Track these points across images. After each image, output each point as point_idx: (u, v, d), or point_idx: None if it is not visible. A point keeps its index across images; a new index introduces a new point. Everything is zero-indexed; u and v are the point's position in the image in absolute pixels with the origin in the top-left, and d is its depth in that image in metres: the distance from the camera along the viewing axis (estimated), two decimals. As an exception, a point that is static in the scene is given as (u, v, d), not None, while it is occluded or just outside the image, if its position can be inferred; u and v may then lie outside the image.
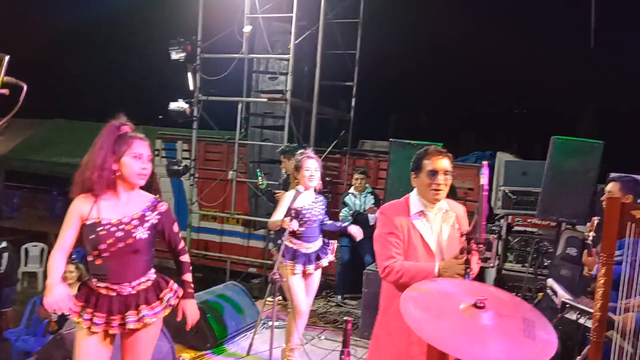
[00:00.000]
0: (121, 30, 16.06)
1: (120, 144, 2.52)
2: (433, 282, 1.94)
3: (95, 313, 2.50)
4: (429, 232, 2.58)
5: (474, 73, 13.59)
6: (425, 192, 2.57)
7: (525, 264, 5.67)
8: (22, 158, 13.61)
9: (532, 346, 1.62)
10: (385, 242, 2.56)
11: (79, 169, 2.54)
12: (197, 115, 7.53)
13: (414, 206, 2.61)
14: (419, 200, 2.61)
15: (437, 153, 2.60)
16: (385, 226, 2.58)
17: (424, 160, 2.58)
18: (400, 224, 2.56)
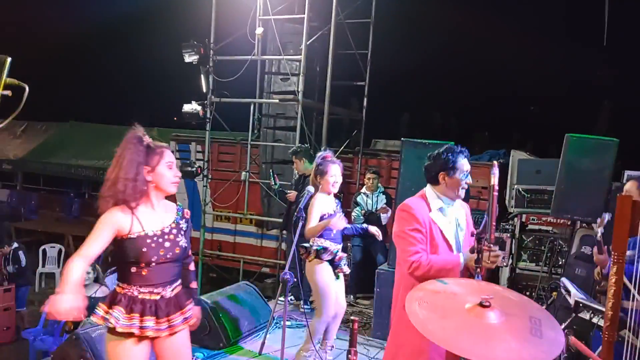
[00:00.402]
0: (135, 33, 16.23)
1: (152, 155, 2.53)
2: (439, 282, 1.94)
3: (144, 318, 2.46)
4: (448, 227, 2.68)
5: (488, 71, 13.48)
6: (454, 191, 2.70)
7: (539, 263, 5.62)
8: (39, 161, 13.83)
9: (538, 345, 1.62)
10: (409, 237, 2.61)
11: (106, 184, 2.49)
12: (210, 117, 7.59)
13: (433, 203, 2.71)
14: (440, 197, 2.72)
15: (463, 154, 2.76)
16: (408, 222, 2.64)
17: (459, 161, 2.71)
18: (423, 219, 2.64)
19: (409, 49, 12.28)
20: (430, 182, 2.79)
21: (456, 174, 2.69)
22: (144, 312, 2.46)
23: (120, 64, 17.05)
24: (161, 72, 14.47)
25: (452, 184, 2.70)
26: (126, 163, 2.48)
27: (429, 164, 2.81)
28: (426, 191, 2.78)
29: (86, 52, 17.87)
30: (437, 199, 2.71)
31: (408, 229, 2.61)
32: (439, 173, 2.73)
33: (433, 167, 2.76)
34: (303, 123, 7.00)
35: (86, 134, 14.45)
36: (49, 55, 17.47)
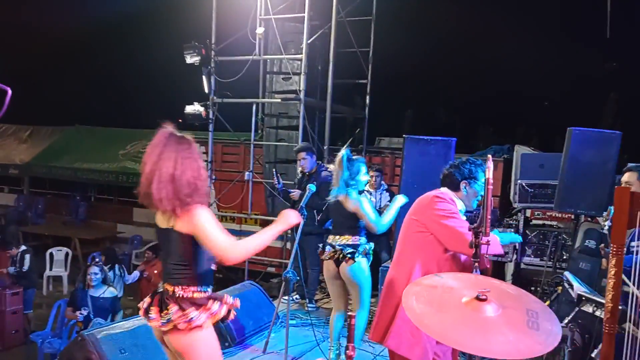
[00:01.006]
0: (137, 35, 16.31)
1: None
2: (436, 276, 1.94)
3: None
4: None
5: (491, 66, 13.44)
6: (471, 200, 2.90)
7: (543, 257, 5.60)
8: (46, 165, 13.93)
9: (535, 337, 1.62)
10: (459, 219, 2.74)
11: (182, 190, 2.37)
12: (212, 118, 7.61)
13: (458, 204, 2.87)
14: (461, 204, 2.88)
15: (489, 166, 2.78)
16: (454, 206, 2.80)
17: (480, 174, 2.88)
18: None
19: (410, 46, 12.26)
20: (449, 187, 2.91)
21: (476, 185, 2.87)
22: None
23: (122, 66, 17.14)
24: (163, 74, 14.53)
25: (471, 193, 2.88)
26: (193, 162, 2.44)
27: (452, 170, 2.92)
28: (448, 193, 2.90)
29: (89, 56, 17.99)
30: (459, 203, 2.88)
31: (455, 211, 2.76)
32: (461, 181, 2.88)
33: (457, 174, 2.90)
34: (306, 122, 7.01)
35: (91, 137, 14.54)
36: (54, 60, 17.60)
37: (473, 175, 2.88)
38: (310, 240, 5.63)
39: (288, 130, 7.70)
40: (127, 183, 13.02)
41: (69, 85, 18.02)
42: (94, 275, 5.59)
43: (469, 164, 2.91)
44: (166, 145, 2.42)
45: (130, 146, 13.66)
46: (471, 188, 2.88)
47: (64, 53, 17.29)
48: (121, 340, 3.86)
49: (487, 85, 13.81)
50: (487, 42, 12.73)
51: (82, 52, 17.69)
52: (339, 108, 7.81)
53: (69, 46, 16.98)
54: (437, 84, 13.69)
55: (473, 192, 2.88)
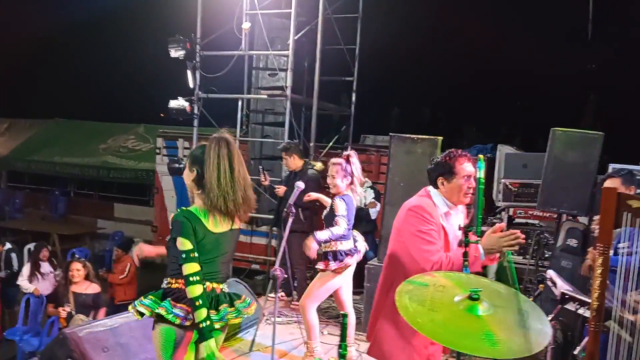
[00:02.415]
0: (120, 28, 16.07)
1: None
2: (428, 276, 1.95)
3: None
4: (451, 232, 2.66)
5: (475, 66, 13.56)
6: (456, 196, 2.64)
7: (526, 256, 5.67)
8: (24, 158, 13.68)
9: (526, 336, 1.64)
10: (426, 236, 2.54)
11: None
12: (197, 113, 7.52)
13: (440, 206, 2.66)
14: (444, 201, 2.66)
15: (466, 157, 2.69)
16: (423, 222, 2.57)
17: (457, 165, 2.64)
18: (438, 221, 2.61)
19: (397, 44, 12.30)
20: (431, 184, 2.75)
21: (454, 179, 2.64)
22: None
23: (105, 59, 16.88)
24: (147, 68, 14.36)
25: (451, 189, 2.65)
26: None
27: (430, 167, 2.77)
28: (431, 193, 2.72)
29: (71, 48, 17.67)
30: (442, 203, 2.67)
31: (424, 229, 2.55)
32: (437, 177, 2.69)
33: (433, 171, 2.72)
34: (292, 119, 6.99)
35: (72, 131, 14.32)
36: (34, 51, 17.25)
37: (448, 169, 2.65)
38: (295, 238, 5.61)
39: (274, 126, 7.66)
40: (108, 178, 12.86)
41: (49, 78, 17.70)
42: (77, 271, 5.50)
43: (445, 157, 2.69)
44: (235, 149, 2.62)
45: (111, 140, 13.48)
46: (450, 183, 2.64)
47: (46, 45, 16.96)
48: (104, 338, 3.80)
49: (472, 85, 13.93)
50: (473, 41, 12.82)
51: (64, 45, 17.37)
52: (324, 105, 7.80)
53: (51, 38, 16.67)
54: (422, 82, 13.76)
55: (453, 187, 2.64)
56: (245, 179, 2.57)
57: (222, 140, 2.58)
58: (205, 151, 2.57)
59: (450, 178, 2.64)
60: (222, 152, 2.54)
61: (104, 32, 16.90)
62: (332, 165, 4.07)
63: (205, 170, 2.53)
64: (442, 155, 2.74)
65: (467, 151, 2.87)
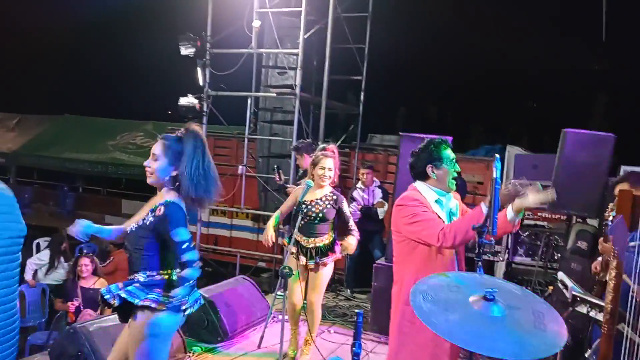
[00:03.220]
0: (130, 26, 16.13)
1: None
2: (442, 276, 1.95)
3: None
4: (447, 217, 2.71)
5: (485, 67, 13.51)
6: (445, 182, 2.70)
7: (535, 257, 5.64)
8: (33, 154, 13.75)
9: (542, 338, 1.63)
10: (423, 217, 2.61)
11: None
12: (206, 111, 7.55)
13: (429, 195, 2.71)
14: (433, 189, 2.72)
15: (448, 144, 2.75)
16: (415, 207, 2.65)
17: (445, 152, 2.71)
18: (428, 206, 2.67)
19: (406, 44, 12.28)
20: (418, 178, 2.78)
21: (443, 164, 2.69)
22: None
23: (116, 57, 16.96)
24: (157, 65, 14.41)
25: (441, 175, 2.70)
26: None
27: (413, 160, 2.80)
28: (417, 186, 2.76)
29: (82, 46, 17.76)
30: (431, 192, 2.71)
31: (416, 211, 2.62)
32: (426, 167, 2.72)
33: (419, 162, 2.76)
34: (300, 117, 6.99)
35: (81, 127, 14.38)
36: (45, 48, 17.35)
37: (435, 156, 2.70)
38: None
39: (282, 124, 7.67)
40: (116, 174, 12.92)
41: (60, 75, 17.80)
42: (85, 266, 5.54)
43: (428, 145, 2.75)
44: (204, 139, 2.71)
45: (120, 137, 13.53)
46: (439, 169, 2.69)
47: (56, 42, 17.05)
48: (113, 333, 3.81)
49: (480, 85, 13.89)
50: (481, 42, 12.78)
51: (74, 42, 17.46)
52: (332, 104, 7.80)
53: (61, 36, 16.75)
54: (430, 82, 13.73)
55: (444, 173, 2.69)
56: (214, 170, 2.67)
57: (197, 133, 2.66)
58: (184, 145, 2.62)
59: (440, 164, 2.70)
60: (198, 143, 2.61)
61: (114, 30, 16.97)
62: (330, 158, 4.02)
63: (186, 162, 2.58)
64: (424, 145, 2.78)
65: (475, 152, 2.92)
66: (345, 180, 8.12)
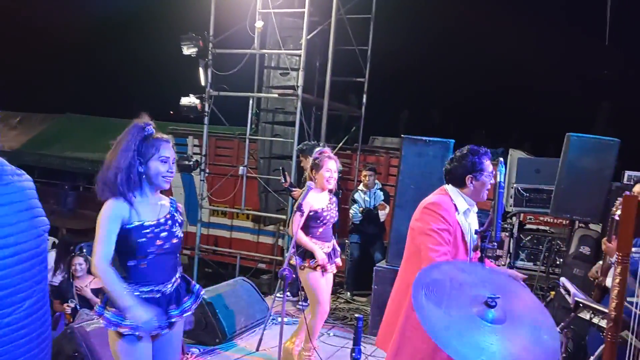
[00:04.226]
0: (133, 25, 16.13)
1: (147, 147, 2.48)
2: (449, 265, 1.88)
3: None
4: (467, 230, 2.67)
5: (487, 70, 13.47)
6: (480, 194, 2.71)
7: (537, 262, 5.60)
8: (35, 152, 13.73)
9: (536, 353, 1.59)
10: (437, 236, 2.57)
11: (101, 170, 2.47)
12: (208, 111, 7.53)
13: (460, 204, 2.69)
14: (465, 198, 2.71)
15: (488, 155, 2.76)
16: (437, 221, 2.61)
17: (485, 163, 2.71)
18: (452, 220, 2.63)
19: (409, 46, 12.25)
20: (453, 183, 2.76)
21: (483, 176, 2.69)
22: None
23: (118, 56, 16.96)
24: (159, 65, 14.39)
25: (479, 186, 2.70)
26: (120, 151, 2.45)
27: (454, 165, 2.76)
28: (449, 191, 2.74)
29: (84, 44, 17.75)
30: (462, 201, 2.70)
31: (437, 227, 2.58)
32: (466, 176, 2.70)
33: (459, 170, 2.73)
34: (302, 118, 6.96)
35: (83, 126, 14.36)
36: (47, 47, 17.35)
37: (477, 167, 2.69)
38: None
39: (284, 126, 7.64)
40: (118, 174, 12.87)
41: (62, 73, 17.80)
42: (79, 265, 5.50)
43: (471, 155, 2.72)
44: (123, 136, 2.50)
45: (121, 136, 13.51)
46: (478, 181, 2.70)
47: (59, 41, 17.04)
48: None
49: (482, 88, 13.85)
50: (485, 45, 12.74)
51: (77, 41, 17.45)
52: (335, 105, 7.78)
53: (64, 34, 16.75)
54: (433, 84, 13.70)
55: (481, 184, 2.70)
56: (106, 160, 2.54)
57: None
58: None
59: (480, 176, 2.69)
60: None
61: (116, 29, 16.96)
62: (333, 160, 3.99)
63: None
64: (466, 153, 2.74)
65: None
66: (347, 182, 8.09)
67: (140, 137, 2.48)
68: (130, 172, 2.42)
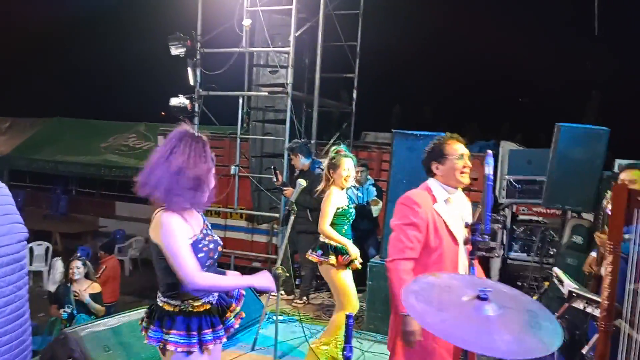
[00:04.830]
0: (120, 27, 16.03)
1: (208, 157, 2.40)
2: (432, 276, 1.91)
3: (204, 332, 2.30)
4: (454, 220, 2.65)
5: (477, 63, 13.50)
6: (453, 177, 2.66)
7: (530, 253, 5.62)
8: (25, 157, 13.64)
9: (539, 336, 1.59)
10: (403, 234, 2.59)
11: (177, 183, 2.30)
12: (198, 111, 7.48)
13: (439, 194, 2.68)
14: (442, 187, 2.70)
15: (456, 139, 2.73)
16: (406, 217, 2.61)
17: (447, 147, 2.69)
18: (426, 215, 2.60)
19: (398, 41, 12.25)
20: (428, 174, 2.78)
21: (447, 160, 2.66)
22: (201, 327, 2.30)
23: (106, 58, 16.85)
24: (148, 66, 14.32)
25: (446, 171, 2.67)
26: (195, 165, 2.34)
27: (423, 157, 2.81)
28: (429, 183, 2.75)
29: (72, 47, 17.63)
30: (441, 190, 2.69)
31: (403, 224, 2.60)
32: (431, 163, 2.73)
33: (426, 159, 2.77)
34: (293, 116, 6.94)
35: (73, 129, 14.28)
36: (35, 50, 17.22)
37: (439, 153, 2.69)
38: (304, 238, 5.58)
39: (275, 124, 7.61)
40: (110, 176, 12.82)
41: (50, 77, 17.68)
42: (77, 269, 5.48)
43: (434, 143, 2.74)
44: (181, 140, 2.35)
45: (112, 139, 13.44)
46: (443, 166, 2.67)
47: (46, 44, 16.92)
48: (105, 338, 3.77)
49: (473, 82, 13.88)
50: (474, 38, 12.77)
51: (65, 44, 17.34)
52: (325, 102, 7.76)
53: (51, 37, 16.62)
54: (423, 79, 13.71)
55: (448, 168, 2.65)
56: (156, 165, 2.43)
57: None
58: None
59: (443, 160, 2.67)
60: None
61: (104, 31, 16.86)
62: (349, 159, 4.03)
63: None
64: (431, 142, 2.79)
65: (469, 148, 2.84)
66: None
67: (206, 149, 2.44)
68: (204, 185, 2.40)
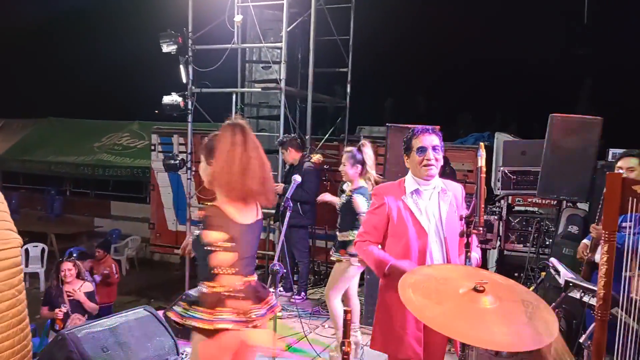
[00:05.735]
0: (111, 24, 15.92)
1: None
2: (429, 268, 1.91)
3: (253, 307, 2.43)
4: (422, 212, 2.66)
5: (469, 54, 13.50)
6: (418, 170, 2.69)
7: (526, 243, 5.64)
8: (18, 159, 13.56)
9: (536, 327, 1.59)
10: (367, 219, 2.83)
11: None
12: (191, 108, 7.45)
13: (409, 186, 2.73)
14: (414, 179, 2.73)
15: (424, 131, 2.74)
16: (371, 206, 2.82)
17: (412, 140, 2.72)
18: (389, 203, 2.69)
19: (391, 34, 12.23)
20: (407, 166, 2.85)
21: (411, 153, 2.70)
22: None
23: (97, 57, 16.73)
24: (139, 64, 14.22)
25: (411, 163, 2.73)
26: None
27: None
28: (406, 176, 2.82)
29: (62, 47, 17.49)
30: (413, 182, 2.73)
31: (368, 212, 2.87)
32: (403, 157, 2.80)
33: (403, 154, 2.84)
34: (287, 111, 6.92)
35: (65, 130, 14.20)
36: (24, 51, 17.08)
37: (406, 146, 2.76)
38: (296, 233, 5.57)
39: (269, 119, 7.60)
40: (104, 176, 12.77)
41: (41, 77, 17.54)
42: (68, 271, 5.45)
43: (405, 137, 2.80)
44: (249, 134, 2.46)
45: (106, 138, 13.38)
46: (409, 158, 2.73)
47: (36, 44, 16.79)
48: (103, 338, 3.75)
49: (466, 73, 13.88)
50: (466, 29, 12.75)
51: (55, 43, 17.20)
52: (319, 97, 7.74)
53: (40, 36, 16.50)
54: (416, 72, 13.69)
55: (412, 161, 2.71)
56: (262, 166, 2.44)
57: (236, 126, 2.44)
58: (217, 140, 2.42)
59: (409, 153, 2.73)
60: (235, 139, 2.39)
61: (94, 29, 16.74)
62: (344, 153, 4.10)
63: (217, 159, 2.37)
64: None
65: (464, 140, 2.88)
66: (335, 173, 8.06)
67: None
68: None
